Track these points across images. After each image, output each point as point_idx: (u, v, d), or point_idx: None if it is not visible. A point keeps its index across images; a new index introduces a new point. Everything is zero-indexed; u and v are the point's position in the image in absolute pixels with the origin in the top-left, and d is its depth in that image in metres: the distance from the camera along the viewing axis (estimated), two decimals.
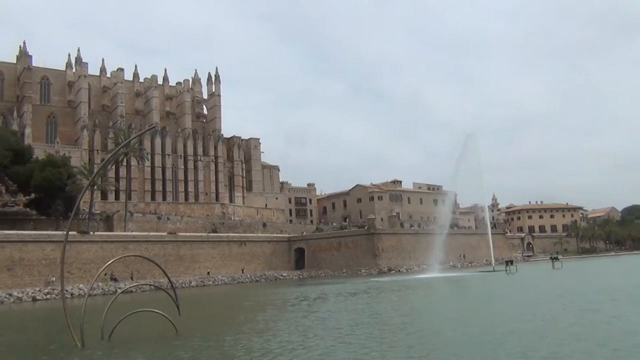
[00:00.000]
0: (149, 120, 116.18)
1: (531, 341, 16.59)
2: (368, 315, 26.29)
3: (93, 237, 68.58)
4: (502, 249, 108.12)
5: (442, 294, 43.39)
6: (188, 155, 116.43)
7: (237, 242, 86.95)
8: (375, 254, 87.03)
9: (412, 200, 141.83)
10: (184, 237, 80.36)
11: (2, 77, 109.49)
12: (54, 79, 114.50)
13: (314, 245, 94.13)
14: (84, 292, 54.32)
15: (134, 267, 66.62)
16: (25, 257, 60.03)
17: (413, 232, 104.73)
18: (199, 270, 77.33)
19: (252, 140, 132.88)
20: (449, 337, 18.43)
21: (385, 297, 38.33)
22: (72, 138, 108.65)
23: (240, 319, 28.73)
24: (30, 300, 52.78)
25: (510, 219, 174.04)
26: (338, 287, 52.67)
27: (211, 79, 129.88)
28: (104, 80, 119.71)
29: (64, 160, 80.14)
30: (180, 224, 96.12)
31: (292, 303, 36.96)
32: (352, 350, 16.38)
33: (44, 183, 72.03)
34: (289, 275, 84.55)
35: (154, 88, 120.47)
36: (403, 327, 21.11)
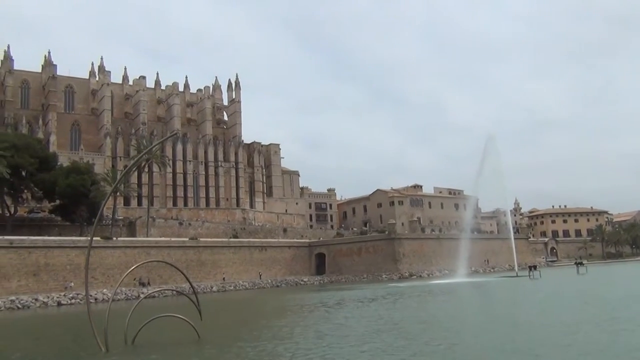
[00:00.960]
0: (171, 127, 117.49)
1: (558, 354, 15.95)
2: (385, 322, 26.01)
3: (116, 243, 69.45)
4: (525, 254, 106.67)
5: (464, 300, 42.83)
6: (209, 161, 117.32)
7: (258, 248, 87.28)
8: (396, 259, 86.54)
9: (433, 204, 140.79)
10: (205, 243, 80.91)
11: (28, 86, 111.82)
12: (77, 87, 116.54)
13: (335, 250, 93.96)
14: (107, 297, 55.00)
15: (156, 272, 67.27)
16: (51, 263, 61.07)
17: (434, 237, 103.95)
18: (220, 275, 77.74)
19: (272, 145, 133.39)
20: (468, 348, 17.98)
21: (405, 303, 38.06)
22: (96, 145, 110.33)
23: (261, 324, 28.76)
24: (55, 305, 53.61)
25: (533, 224, 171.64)
26: (358, 292, 52.47)
27: (231, 85, 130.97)
28: (126, 88, 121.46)
29: (87, 167, 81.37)
30: (201, 230, 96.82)
31: (311, 309, 36.83)
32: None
33: (68, 190, 73.19)
34: (310, 281, 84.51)
35: (175, 95, 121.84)
36: (420, 336, 20.69)
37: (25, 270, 58.96)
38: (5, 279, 57.15)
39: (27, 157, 73.03)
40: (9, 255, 58.36)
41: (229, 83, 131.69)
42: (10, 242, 59.62)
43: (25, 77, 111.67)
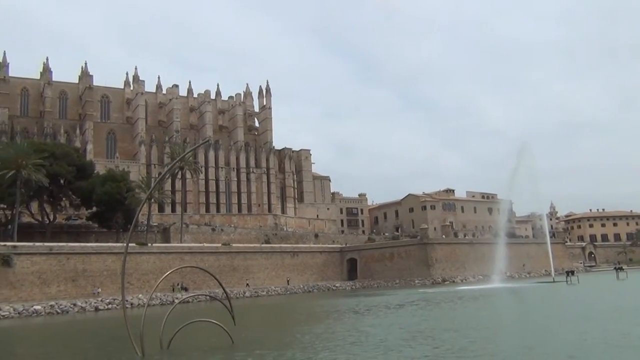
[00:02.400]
0: (203, 134, 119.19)
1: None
2: (412, 330, 25.77)
3: (151, 249, 70.64)
4: (562, 259, 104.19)
5: (499, 306, 42.03)
6: (241, 168, 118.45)
7: (289, 253, 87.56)
8: (428, 264, 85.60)
9: (465, 209, 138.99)
10: (237, 248, 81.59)
11: (66, 97, 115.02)
12: (113, 97, 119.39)
13: (366, 255, 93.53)
14: (143, 302, 55.94)
15: (190, 278, 68.16)
16: (88, 269, 62.51)
17: (468, 241, 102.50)
18: (253, 280, 78.26)
19: (303, 151, 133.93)
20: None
21: (435, 310, 37.60)
22: (131, 153, 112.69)
23: (293, 330, 28.83)
24: (92, 310, 54.74)
25: (570, 228, 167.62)
26: (389, 298, 52.10)
27: (262, 92, 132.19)
28: (159, 96, 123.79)
29: (123, 174, 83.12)
30: (233, 235, 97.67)
31: (340, 316, 36.68)
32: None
33: (104, 197, 74.90)
34: (342, 286, 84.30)
35: (207, 103, 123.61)
36: (450, 346, 19.92)
37: (64, 275, 60.49)
38: (45, 284, 58.73)
39: (65, 166, 75.09)
40: (48, 262, 59.99)
41: (260, 90, 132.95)
42: (50, 249, 61.27)
43: (63, 88, 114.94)
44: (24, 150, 69.93)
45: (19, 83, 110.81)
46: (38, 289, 57.89)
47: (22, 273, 57.50)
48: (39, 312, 51.35)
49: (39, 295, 57.17)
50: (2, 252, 56.69)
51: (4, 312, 49.90)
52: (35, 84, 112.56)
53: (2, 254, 56.54)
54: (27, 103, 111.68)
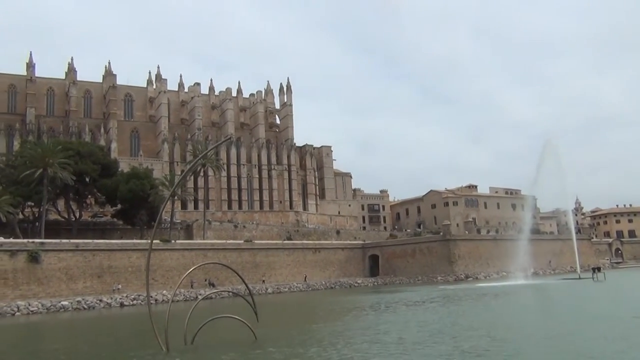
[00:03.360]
0: (225, 132, 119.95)
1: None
2: (430, 329, 25.59)
3: (174, 246, 71.39)
4: (588, 255, 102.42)
5: (524, 303, 41.50)
6: (262, 165, 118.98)
7: (311, 250, 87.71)
8: (451, 261, 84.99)
9: (488, 205, 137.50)
10: (259, 245, 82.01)
11: (90, 96, 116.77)
12: (136, 95, 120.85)
13: (388, 252, 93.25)
14: (167, 298, 56.60)
15: (213, 274, 68.76)
16: (113, 265, 63.48)
17: (491, 237, 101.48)
18: (275, 277, 78.62)
19: (324, 148, 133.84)
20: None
21: (456, 307, 37.30)
22: (154, 151, 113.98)
23: (315, 327, 28.90)
24: (118, 305, 55.65)
25: (596, 224, 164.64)
26: (410, 295, 51.85)
27: (283, 89, 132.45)
28: (182, 95, 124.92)
29: (146, 172, 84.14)
30: (255, 232, 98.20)
31: (360, 313, 36.66)
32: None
33: (129, 194, 75.94)
34: (364, 282, 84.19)
35: (228, 100, 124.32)
36: (466, 346, 19.29)
37: (90, 272, 61.54)
38: (72, 280, 59.84)
39: (90, 164, 76.32)
40: (75, 258, 61.09)
41: (281, 87, 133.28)
42: (76, 245, 62.38)
43: (88, 88, 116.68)
44: (51, 149, 71.25)
45: (45, 83, 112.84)
46: (65, 285, 59.01)
47: (50, 269, 58.66)
48: (66, 307, 52.39)
49: (65, 291, 58.28)
50: (30, 249, 57.89)
51: (33, 307, 51.06)
52: (61, 84, 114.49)
53: (30, 250, 57.74)
54: (53, 102, 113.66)
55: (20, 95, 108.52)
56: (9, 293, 54.42)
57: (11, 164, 76.64)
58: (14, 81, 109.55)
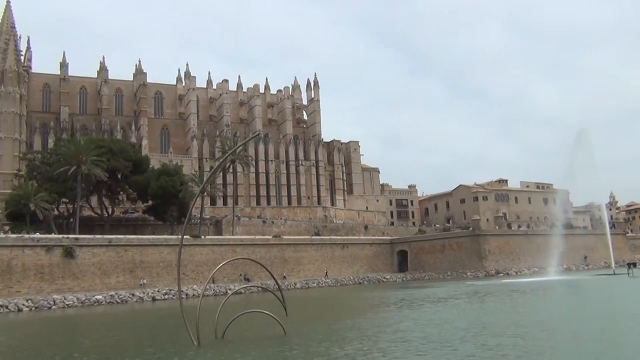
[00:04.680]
0: (253, 128, 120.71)
1: None
2: (454, 327, 25.31)
3: (204, 241, 72.31)
4: (623, 251, 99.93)
5: (555, 299, 40.64)
6: (290, 160, 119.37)
7: (339, 245, 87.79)
8: (481, 256, 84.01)
9: (519, 199, 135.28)
10: (288, 240, 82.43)
11: (121, 94, 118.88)
12: (166, 93, 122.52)
13: (417, 247, 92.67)
14: (197, 293, 57.43)
15: (242, 270, 69.42)
16: (145, 260, 64.68)
17: (522, 232, 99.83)
18: (304, 272, 78.94)
19: (352, 143, 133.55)
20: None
21: (488, 303, 36.83)
22: (183, 147, 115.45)
23: (343, 322, 28.92)
24: (150, 300, 56.65)
25: (631, 218, 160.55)
26: (437, 290, 51.42)
27: (310, 85, 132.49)
28: (210, 92, 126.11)
29: (176, 169, 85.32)
30: (284, 228, 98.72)
31: (386, 309, 36.53)
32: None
33: (159, 191, 77.16)
34: (392, 278, 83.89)
35: (256, 97, 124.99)
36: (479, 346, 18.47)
37: (123, 267, 62.85)
38: (106, 275, 61.21)
39: (122, 161, 77.78)
40: (108, 253, 62.46)
41: (308, 83, 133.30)
42: (109, 241, 63.77)
43: (119, 86, 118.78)
44: (84, 146, 72.90)
45: (78, 82, 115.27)
46: (99, 279, 60.41)
47: (84, 264, 60.12)
48: (100, 301, 53.63)
49: (99, 285, 59.68)
50: (65, 244, 59.43)
51: (68, 301, 52.43)
52: (93, 83, 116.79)
53: (66, 246, 59.28)
54: (86, 101, 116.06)
55: (54, 94, 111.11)
56: (45, 287, 56.04)
57: (46, 161, 78.64)
58: (48, 80, 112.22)
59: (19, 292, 53.82)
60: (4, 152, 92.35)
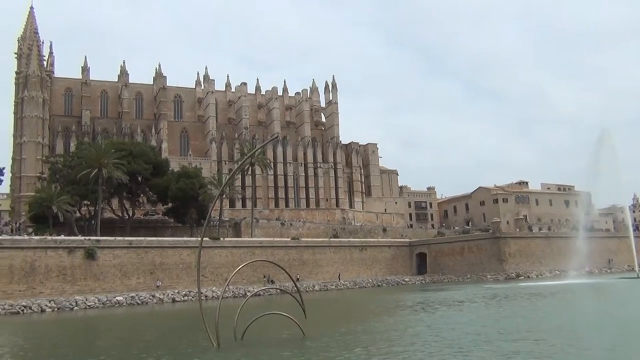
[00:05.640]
0: (271, 130, 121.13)
1: None
2: (472, 332, 25.03)
3: (223, 243, 72.67)
4: None
5: (575, 303, 40.03)
6: (308, 163, 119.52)
7: (358, 247, 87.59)
8: (501, 259, 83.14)
9: (540, 201, 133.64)
10: (306, 243, 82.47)
11: (142, 98, 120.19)
12: (185, 96, 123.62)
13: (436, 249, 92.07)
14: (216, 295, 57.75)
15: (261, 272, 69.59)
16: (165, 262, 65.24)
17: (543, 235, 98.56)
18: (322, 274, 78.90)
19: (370, 145, 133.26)
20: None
21: (512, 306, 36.40)
22: (202, 150, 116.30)
23: (361, 325, 28.85)
24: (170, 301, 57.14)
25: None
26: (455, 294, 50.99)
27: (328, 87, 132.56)
28: (229, 95, 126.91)
29: (196, 171, 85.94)
30: (302, 230, 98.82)
31: (404, 312, 36.42)
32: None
33: (179, 193, 77.83)
34: (411, 281, 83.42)
35: (274, 99, 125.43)
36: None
37: (143, 268, 63.45)
38: (126, 276, 61.87)
39: (142, 164, 78.59)
40: (128, 255, 63.14)
41: (326, 85, 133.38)
42: (130, 243, 64.46)
43: (139, 90, 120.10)
44: (105, 149, 73.80)
45: (99, 86, 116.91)
46: (119, 280, 61.09)
47: (105, 265, 60.85)
48: (120, 302, 54.26)
49: (120, 286, 60.33)
50: (87, 246, 60.23)
51: (90, 302, 53.12)
52: (114, 87, 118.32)
53: (87, 247, 60.07)
54: (107, 105, 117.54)
55: (76, 98, 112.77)
56: (67, 288, 56.84)
57: (68, 164, 79.80)
58: (70, 85, 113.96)
59: (42, 293, 54.69)
60: (27, 155, 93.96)
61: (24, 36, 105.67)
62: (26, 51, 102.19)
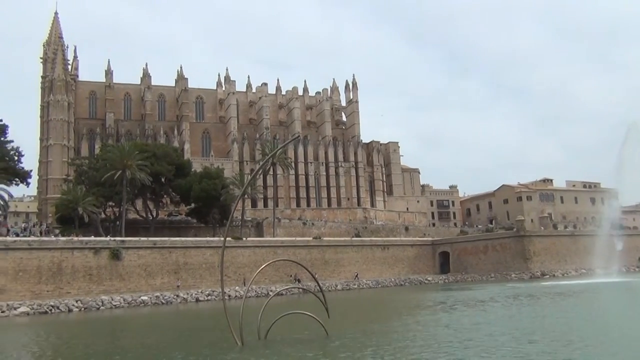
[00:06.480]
0: (292, 130, 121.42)
1: None
2: (498, 332, 24.69)
3: (246, 243, 73.10)
4: None
5: (601, 303, 39.21)
6: (329, 162, 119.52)
7: (380, 246, 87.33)
8: (526, 258, 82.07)
9: (565, 199, 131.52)
10: (328, 242, 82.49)
11: (164, 100, 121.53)
12: (206, 97, 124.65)
13: (459, 248, 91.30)
14: (239, 294, 58.14)
15: (283, 271, 69.85)
16: (189, 262, 65.87)
17: (568, 233, 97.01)
18: (344, 274, 78.83)
19: (391, 144, 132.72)
20: None
21: (533, 306, 35.90)
22: (224, 151, 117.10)
23: (383, 324, 28.74)
24: (194, 301, 57.66)
25: None
26: (477, 293, 50.45)
27: (348, 86, 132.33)
28: (250, 95, 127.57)
29: (218, 172, 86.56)
30: (324, 229, 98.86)
31: (427, 311, 36.13)
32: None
33: (202, 194, 78.50)
34: (434, 280, 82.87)
35: (295, 99, 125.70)
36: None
37: (167, 268, 64.16)
38: (151, 276, 62.63)
39: (165, 165, 79.48)
40: (153, 255, 63.90)
41: (346, 84, 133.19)
42: (154, 243, 65.23)
43: (162, 92, 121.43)
44: (129, 151, 74.80)
45: (122, 89, 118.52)
46: (144, 280, 61.86)
47: (130, 266, 61.69)
48: (145, 302, 54.93)
49: (145, 286, 61.10)
50: (112, 247, 61.14)
51: (115, 302, 53.90)
52: (137, 89, 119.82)
53: (113, 248, 60.98)
54: (130, 107, 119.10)
55: (100, 101, 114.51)
56: (94, 288, 57.77)
57: (93, 166, 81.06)
58: (94, 88, 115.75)
59: (69, 293, 55.68)
60: (53, 158, 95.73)
61: (49, 41, 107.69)
62: (51, 56, 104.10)
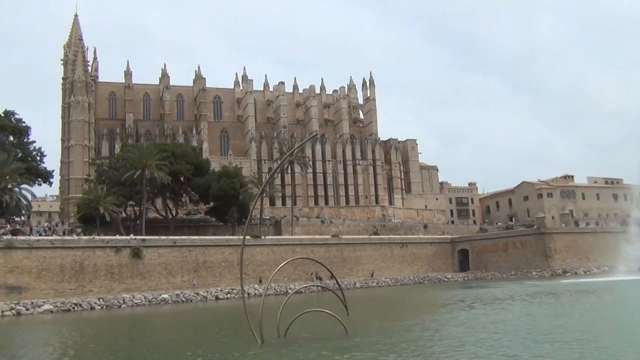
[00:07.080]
0: (309, 129, 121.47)
1: None
2: (512, 331, 24.40)
3: (264, 241, 73.38)
4: None
5: (622, 301, 38.51)
6: (347, 160, 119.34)
7: (398, 244, 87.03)
8: (546, 255, 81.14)
9: (587, 196, 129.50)
10: (346, 240, 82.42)
11: (182, 100, 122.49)
12: (224, 97, 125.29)
13: (479, 246, 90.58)
14: (258, 292, 58.45)
15: (302, 269, 70.02)
16: (208, 260, 66.37)
17: (590, 230, 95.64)
18: (363, 271, 78.75)
19: (409, 141, 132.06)
20: None
21: (553, 304, 35.49)
22: (242, 150, 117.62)
23: (403, 322, 28.65)
24: (213, 299, 58.09)
25: None
26: (501, 290, 50.02)
27: (366, 84, 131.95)
28: (267, 94, 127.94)
29: (236, 171, 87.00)
30: (342, 227, 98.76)
31: (446, 310, 35.96)
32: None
33: (220, 192, 78.96)
34: (453, 277, 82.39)
35: (312, 98, 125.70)
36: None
37: (187, 267, 64.74)
38: (171, 274, 63.26)
39: (184, 164, 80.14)
40: (173, 254, 64.53)
41: (363, 82, 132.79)
42: (174, 242, 65.86)
43: (180, 92, 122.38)
44: (148, 151, 75.53)
45: (141, 89, 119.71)
46: (165, 279, 62.51)
47: (151, 264, 62.37)
48: (166, 300, 55.49)
49: (165, 284, 61.74)
50: (133, 245, 61.86)
51: (136, 300, 54.55)
52: (155, 89, 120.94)
53: (134, 246, 61.70)
54: (149, 107, 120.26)
55: (120, 101, 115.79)
56: (115, 286, 58.53)
57: (114, 166, 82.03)
58: (114, 89, 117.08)
59: (91, 291, 56.51)
60: (74, 158, 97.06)
61: (69, 43, 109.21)
62: (72, 58, 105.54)
